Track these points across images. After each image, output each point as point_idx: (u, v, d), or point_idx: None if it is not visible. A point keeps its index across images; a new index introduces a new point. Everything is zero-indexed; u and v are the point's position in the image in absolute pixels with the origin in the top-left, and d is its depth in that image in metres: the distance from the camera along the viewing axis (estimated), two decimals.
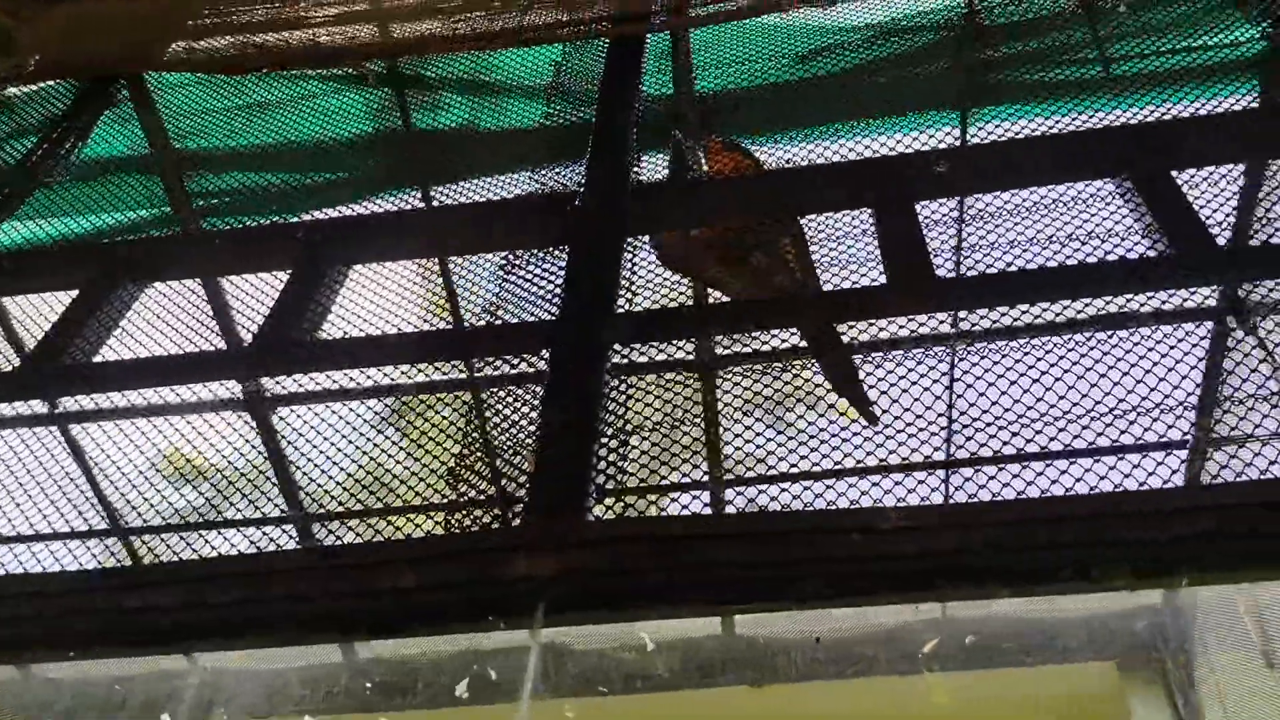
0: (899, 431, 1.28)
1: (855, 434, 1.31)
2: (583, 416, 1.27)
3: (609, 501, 1.21)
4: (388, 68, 2.01)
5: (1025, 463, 1.19)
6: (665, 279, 1.54)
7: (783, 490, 1.23)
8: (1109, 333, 1.30)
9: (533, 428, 1.37)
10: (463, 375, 1.50)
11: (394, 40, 1.90)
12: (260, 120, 1.93)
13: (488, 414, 1.41)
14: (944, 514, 1.03)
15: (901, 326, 1.46)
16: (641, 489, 1.25)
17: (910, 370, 1.32)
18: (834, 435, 1.30)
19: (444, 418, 1.39)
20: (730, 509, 1.37)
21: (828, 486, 1.25)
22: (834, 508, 1.21)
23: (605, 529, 1.07)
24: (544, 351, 1.41)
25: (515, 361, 1.42)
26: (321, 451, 1.31)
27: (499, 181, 1.79)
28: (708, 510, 1.48)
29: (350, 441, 1.34)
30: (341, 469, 1.32)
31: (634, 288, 1.53)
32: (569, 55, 2.05)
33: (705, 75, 1.99)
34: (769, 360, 1.75)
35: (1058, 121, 1.57)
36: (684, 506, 1.29)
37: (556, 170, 1.77)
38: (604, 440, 1.27)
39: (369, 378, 1.39)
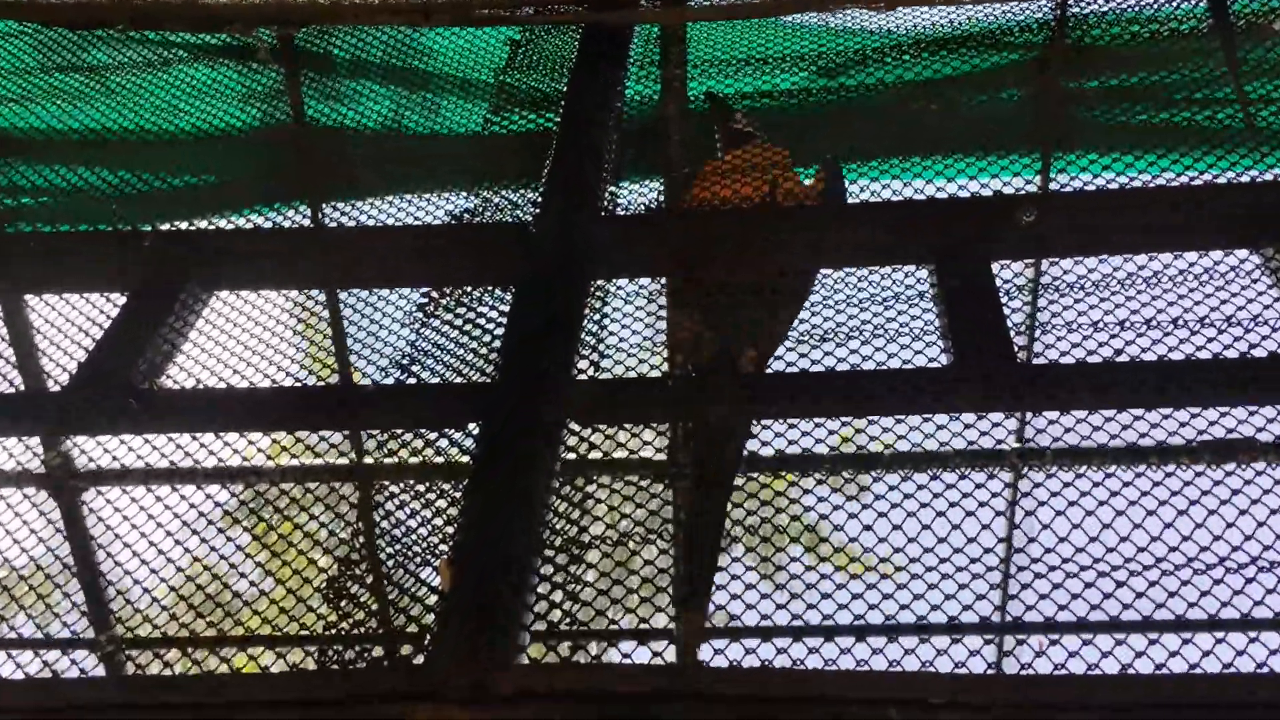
0: (940, 574, 1.45)
1: (883, 576, 1.48)
2: (518, 523, 1.41)
3: (546, 643, 1.33)
4: (283, 39, 2.25)
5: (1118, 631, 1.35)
6: (645, 335, 1.76)
7: (783, 649, 1.36)
8: (1233, 462, 1.52)
9: (448, 533, 1.51)
10: (354, 454, 1.66)
11: (295, 2, 2.16)
12: (103, 94, 2.13)
13: (387, 511, 1.55)
14: (1000, 688, 1.15)
15: (968, 426, 1.66)
16: (591, 631, 1.37)
17: (958, 490, 1.50)
18: (850, 579, 1.47)
19: (325, 513, 1.52)
20: (713, 664, 1.44)
21: (845, 650, 1.39)
22: (862, 670, 1.36)
23: (539, 680, 1.12)
24: (471, 427, 1.57)
25: (431, 439, 1.58)
26: (154, 549, 1.43)
27: (425, 200, 2.01)
28: (681, 662, 1.60)
29: (192, 540, 1.46)
30: (178, 576, 1.43)
31: (601, 346, 1.72)
32: (529, 42, 2.34)
33: (705, 76, 2.29)
34: (784, 467, 1.95)
35: (1171, 180, 1.84)
36: (653, 654, 1.38)
37: (504, 188, 1.99)
38: (546, 557, 1.41)
39: (226, 447, 1.53)
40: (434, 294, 1.84)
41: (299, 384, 1.72)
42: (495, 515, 1.45)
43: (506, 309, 1.76)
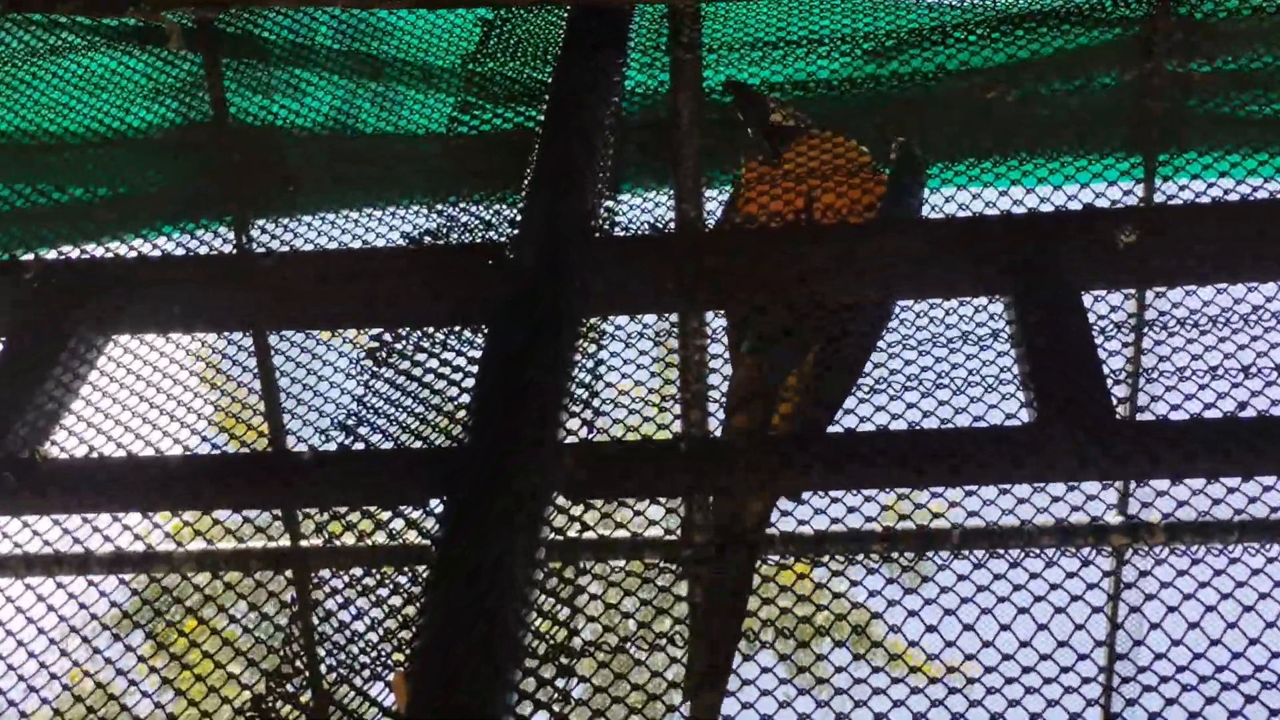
0: (1024, 687, 1.43)
1: (951, 690, 1.46)
2: (494, 622, 1.40)
3: None
4: (201, 22, 2.26)
5: None
6: (651, 386, 1.77)
7: None
8: None
9: (403, 638, 1.50)
10: (286, 538, 1.64)
11: None
12: None
13: (327, 611, 1.53)
14: None
15: (1056, 499, 1.65)
16: None
17: (1045, 579, 1.50)
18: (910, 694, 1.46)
19: (248, 613, 1.49)
20: None
21: None
22: None
23: None
24: (433, 504, 1.57)
25: (383, 519, 1.57)
26: (32, 658, 1.40)
27: (378, 217, 2.02)
28: None
29: (80, 648, 1.44)
30: (62, 697, 1.41)
31: (595, 401, 1.73)
32: (505, 21, 2.35)
33: (723, 63, 2.33)
34: (826, 550, 1.94)
35: None
36: None
37: (474, 203, 2.00)
38: (527, 669, 1.40)
39: (125, 530, 1.52)
40: (387, 337, 1.84)
41: (217, 450, 1.72)
42: (463, 615, 1.43)
43: (477, 355, 1.77)
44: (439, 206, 2.07)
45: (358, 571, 1.62)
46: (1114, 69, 2.24)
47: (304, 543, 1.65)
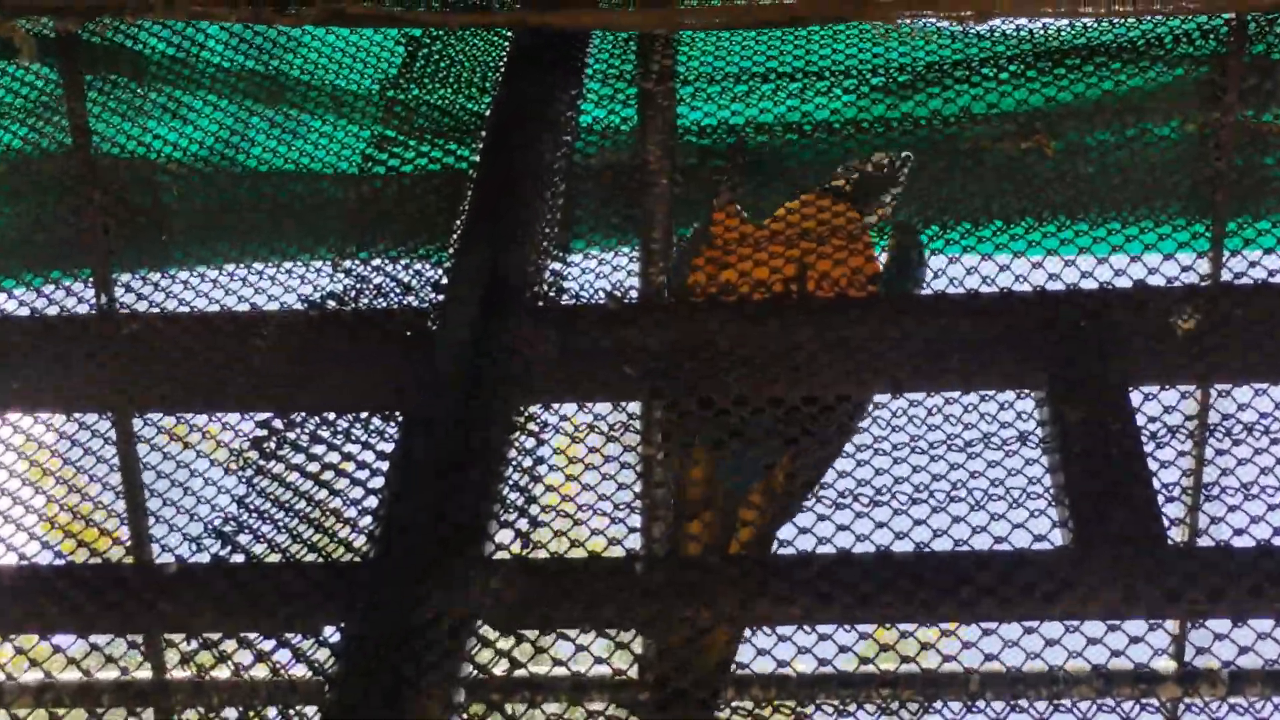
0: None
1: None
2: None
3: None
4: (60, 32, 2.31)
5: None
6: (600, 492, 1.83)
7: None
8: None
9: None
10: (150, 670, 1.68)
11: None
12: None
13: None
14: None
15: (1093, 641, 1.72)
16: None
17: None
18: None
19: None
20: None
21: None
22: None
23: None
24: (329, 631, 1.61)
25: (266, 650, 1.61)
26: None
27: (269, 273, 2.09)
28: None
29: None
30: None
31: (532, 509, 1.79)
32: (435, 40, 2.43)
33: (701, 97, 2.46)
34: (812, 695, 2.01)
35: None
36: None
37: (391, 259, 2.09)
38: None
39: None
40: (278, 423, 1.89)
41: (62, 561, 1.73)
42: None
43: (390, 449, 1.83)
44: (347, 263, 2.11)
45: (232, 714, 1.66)
46: (1174, 118, 2.33)
47: (167, 676, 1.69)
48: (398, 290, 2.08)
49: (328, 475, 1.86)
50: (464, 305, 1.99)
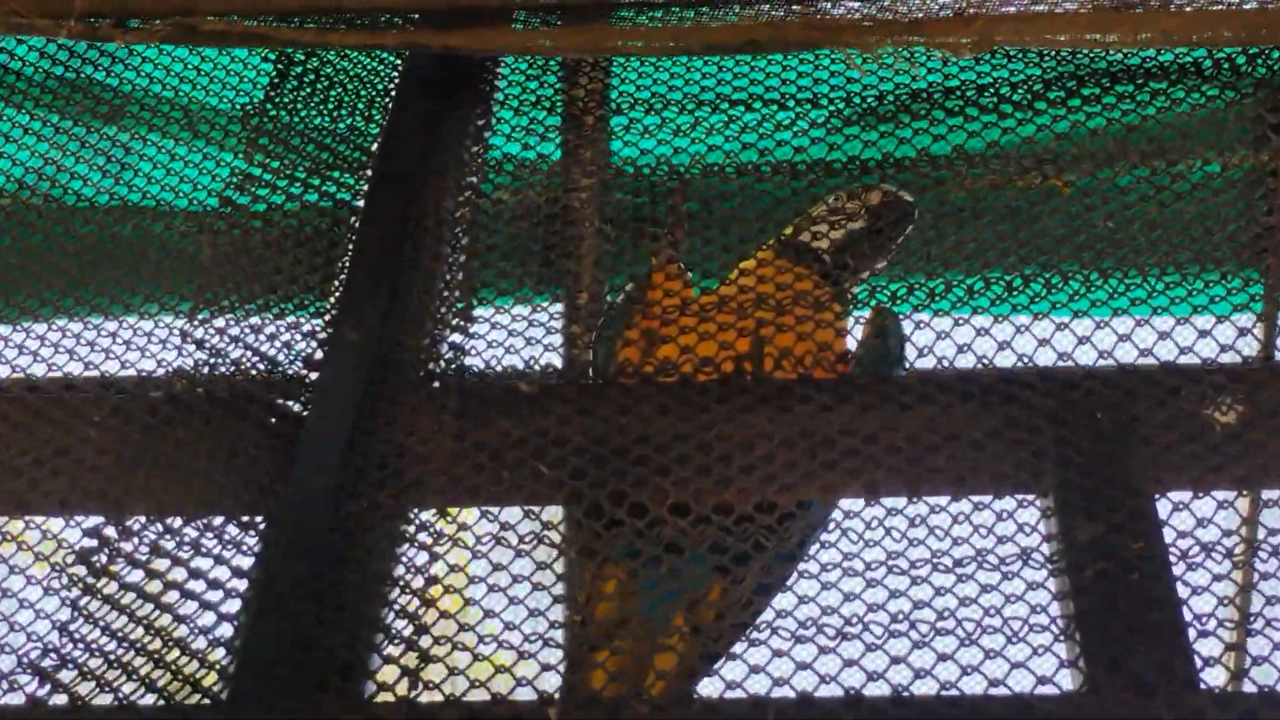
0: None
1: None
2: None
3: None
4: None
5: None
6: (511, 618, 1.85)
7: None
8: None
9: None
10: None
11: None
12: None
13: None
14: None
15: None
16: None
17: None
18: None
19: None
20: None
21: None
22: None
23: None
24: None
25: None
26: None
27: (101, 338, 2.13)
28: None
29: None
30: None
31: (423, 638, 1.83)
32: (310, 60, 2.49)
33: (641, 128, 2.50)
34: None
35: None
36: None
37: (254, 321, 2.14)
38: None
39: None
40: (110, 532, 1.91)
41: None
42: None
43: (248, 564, 1.88)
44: (199, 330, 2.15)
45: None
46: (1221, 153, 2.40)
47: None
48: (261, 366, 2.11)
49: (172, 596, 1.87)
50: (342, 385, 2.05)
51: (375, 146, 2.33)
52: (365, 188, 2.30)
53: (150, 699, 1.78)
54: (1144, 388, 2.03)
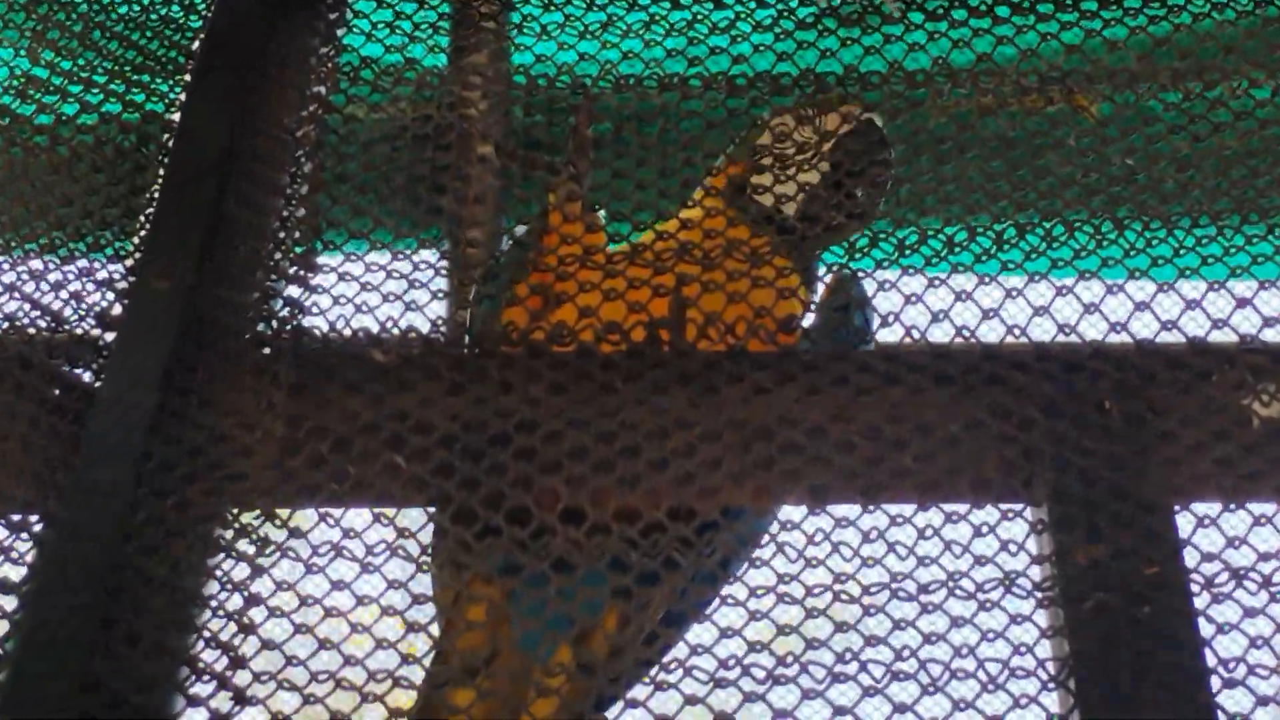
0: None
1: None
2: None
3: None
4: None
5: None
6: (353, 650, 1.81)
7: None
8: None
9: None
10: None
11: None
12: None
13: None
14: None
15: None
16: None
17: None
18: None
19: None
20: None
21: None
22: None
23: None
24: None
25: None
26: None
27: None
28: None
29: None
30: None
31: (233, 678, 1.79)
32: None
33: (534, 29, 2.45)
34: None
35: None
36: None
37: (31, 276, 2.08)
38: None
39: None
40: None
41: None
42: None
43: (19, 577, 1.84)
44: None
45: None
46: (1273, 74, 2.35)
47: None
48: (43, 323, 2.08)
49: None
50: (145, 350, 2.00)
51: (196, 45, 2.23)
52: (182, 97, 2.24)
53: None
54: (1165, 371, 2.00)
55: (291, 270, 2.14)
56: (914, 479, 1.95)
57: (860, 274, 2.30)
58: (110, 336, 2.03)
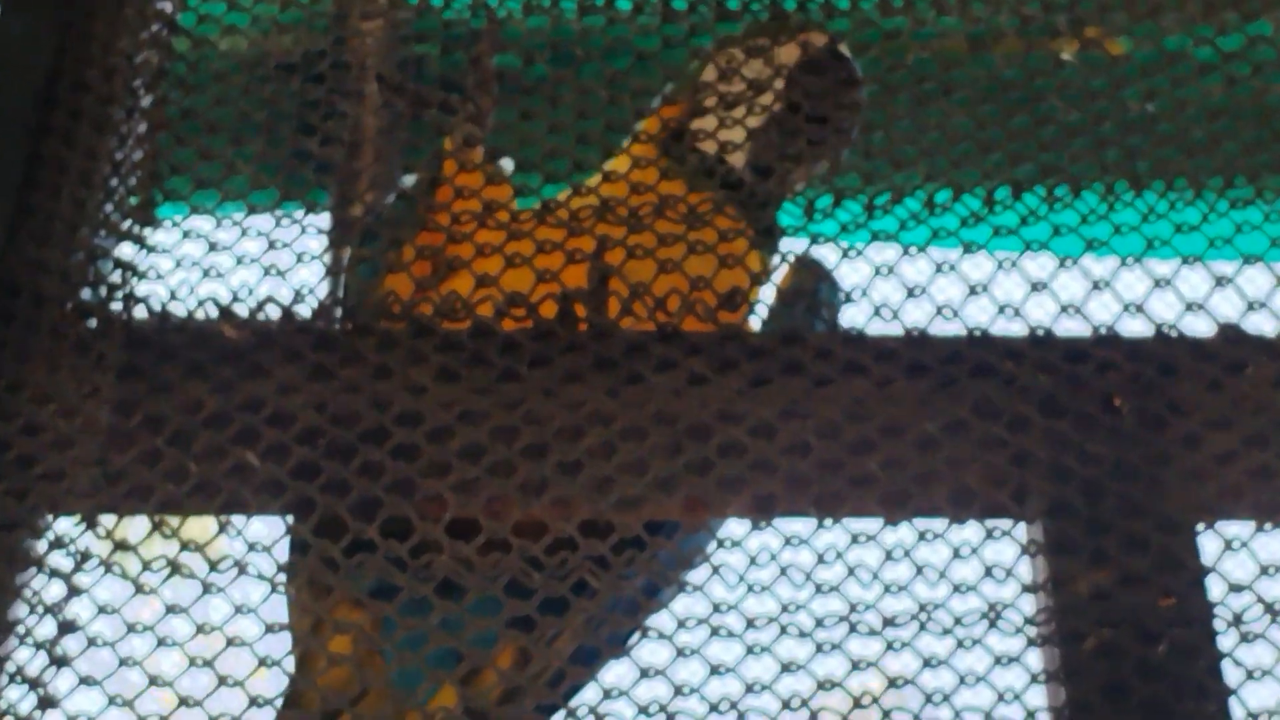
0: None
1: None
2: None
3: None
4: None
5: None
6: (193, 688, 1.79)
7: None
8: None
9: None
10: None
11: None
12: None
13: None
14: None
15: None
16: None
17: None
18: None
19: None
20: None
21: None
22: None
23: None
24: None
25: None
26: None
27: None
28: None
29: None
30: None
31: (46, 703, 1.80)
32: None
33: None
34: None
35: None
36: None
37: None
38: None
39: None
40: None
41: None
42: None
43: None
44: None
45: None
46: None
47: None
48: None
49: None
50: None
51: None
52: None
53: None
54: (1189, 362, 2.02)
55: (125, 226, 2.14)
56: (881, 489, 1.95)
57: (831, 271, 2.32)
58: None
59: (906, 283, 2.07)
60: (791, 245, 2.37)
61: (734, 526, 1.98)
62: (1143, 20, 2.34)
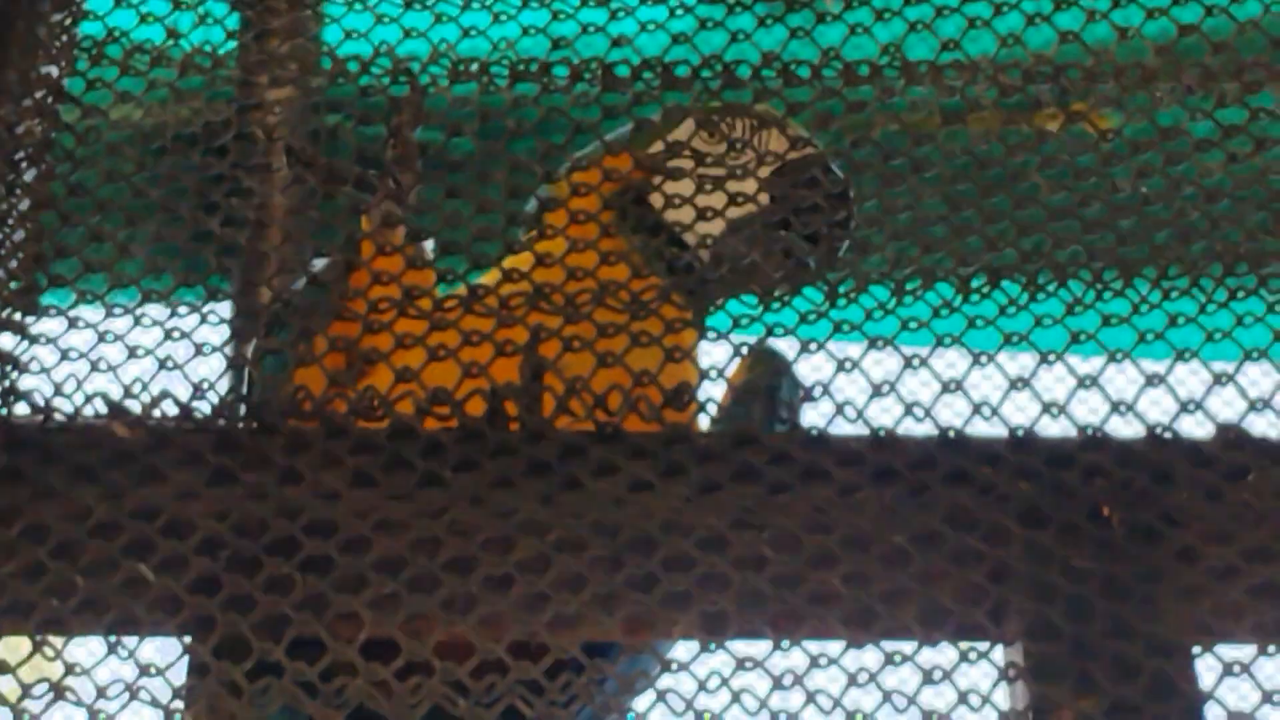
0: None
1: None
2: None
3: None
4: None
5: None
6: None
7: None
8: None
9: None
10: None
11: None
12: None
13: None
14: None
15: None
16: None
17: None
18: None
19: None
20: None
21: None
22: None
23: None
24: None
25: None
26: None
27: None
28: None
29: None
30: None
31: None
32: None
33: None
34: None
35: None
36: None
37: None
38: None
39: None
40: None
41: None
42: None
43: None
44: None
45: None
46: None
47: None
48: None
49: None
50: None
51: None
52: None
53: None
54: (1185, 467, 2.04)
55: (4, 313, 2.13)
56: (844, 607, 1.97)
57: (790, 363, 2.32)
58: None
59: (873, 379, 2.08)
60: (745, 336, 2.35)
61: (681, 649, 1.99)
62: (1134, 91, 2.36)
